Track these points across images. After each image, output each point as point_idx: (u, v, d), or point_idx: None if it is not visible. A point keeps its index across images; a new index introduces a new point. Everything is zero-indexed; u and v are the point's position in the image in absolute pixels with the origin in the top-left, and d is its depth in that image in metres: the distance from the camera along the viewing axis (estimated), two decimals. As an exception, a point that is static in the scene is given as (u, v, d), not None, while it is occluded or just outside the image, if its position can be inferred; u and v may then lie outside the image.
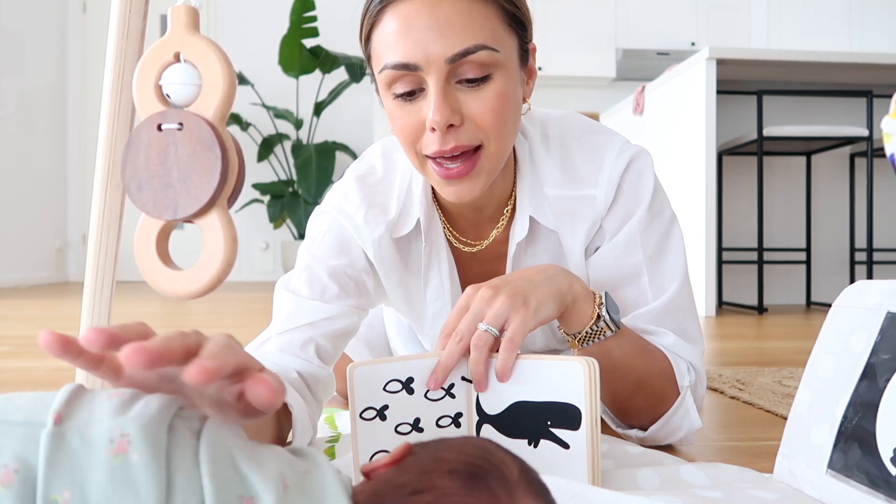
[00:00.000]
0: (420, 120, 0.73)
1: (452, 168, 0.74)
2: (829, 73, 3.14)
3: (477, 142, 0.74)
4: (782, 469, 0.66)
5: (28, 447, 0.34)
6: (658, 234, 0.84)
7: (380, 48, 0.73)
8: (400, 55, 0.71)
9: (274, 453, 0.40)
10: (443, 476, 0.39)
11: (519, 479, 0.41)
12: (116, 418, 0.36)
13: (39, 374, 1.45)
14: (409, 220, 0.86)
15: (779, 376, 1.39)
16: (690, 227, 2.93)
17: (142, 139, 0.45)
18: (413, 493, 0.39)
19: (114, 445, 0.34)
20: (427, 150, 0.74)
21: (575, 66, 5.45)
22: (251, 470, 0.37)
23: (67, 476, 0.33)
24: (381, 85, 0.75)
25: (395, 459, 0.42)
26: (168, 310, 2.99)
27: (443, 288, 0.89)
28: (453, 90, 0.72)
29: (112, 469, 0.34)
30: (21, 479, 0.33)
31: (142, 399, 0.38)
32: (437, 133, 0.72)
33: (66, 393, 0.37)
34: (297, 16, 4.81)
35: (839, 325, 0.65)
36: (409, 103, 0.73)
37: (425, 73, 0.71)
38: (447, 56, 0.70)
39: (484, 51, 0.71)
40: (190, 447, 0.36)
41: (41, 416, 0.35)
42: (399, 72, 0.71)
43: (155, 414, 0.36)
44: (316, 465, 0.41)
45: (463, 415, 0.67)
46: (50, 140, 5.24)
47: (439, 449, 0.42)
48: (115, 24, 0.61)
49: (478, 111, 0.72)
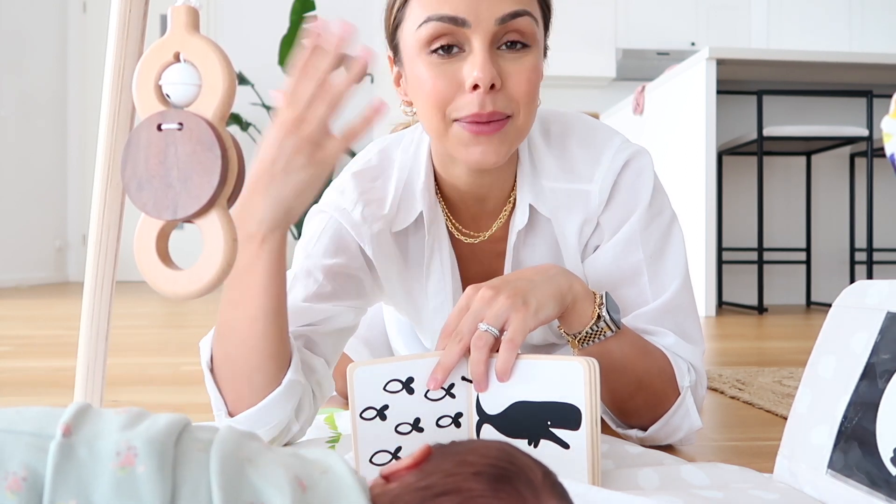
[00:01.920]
0: (457, 80, 0.72)
1: (483, 123, 0.73)
2: (829, 73, 3.14)
3: (510, 111, 0.74)
4: (782, 469, 0.66)
5: (36, 456, 0.35)
6: (658, 233, 0.84)
7: (421, 6, 0.73)
8: (450, 8, 0.71)
9: (290, 456, 0.40)
10: (469, 478, 0.40)
11: (543, 481, 0.41)
12: (124, 432, 0.37)
13: (39, 374, 1.45)
14: (408, 214, 0.85)
15: (779, 376, 1.39)
16: (690, 227, 2.93)
17: (141, 139, 0.45)
18: (439, 494, 0.39)
19: (120, 458, 0.35)
20: (461, 112, 0.73)
21: (575, 66, 5.44)
22: (262, 477, 0.37)
23: (74, 486, 0.34)
24: (416, 45, 0.74)
25: (417, 462, 0.42)
26: (168, 310, 2.99)
27: (444, 282, 0.89)
28: (496, 55, 0.73)
29: (118, 480, 0.35)
30: (29, 486, 0.34)
31: (149, 416, 0.39)
32: (477, 93, 0.71)
33: (74, 408, 0.38)
34: (297, 16, 4.81)
35: (839, 325, 0.65)
36: (447, 62, 0.73)
37: (472, 31, 0.71)
38: (498, 16, 0.71)
39: (529, 18, 0.73)
40: (197, 460, 0.37)
41: (50, 428, 0.36)
42: (445, 25, 0.71)
43: (162, 429, 0.37)
44: (332, 465, 0.41)
45: (463, 415, 0.67)
46: (50, 140, 5.23)
47: (462, 452, 0.43)
48: (115, 24, 0.61)
49: (515, 79, 0.73)
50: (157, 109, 0.46)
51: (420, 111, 0.77)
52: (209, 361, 0.74)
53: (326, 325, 0.81)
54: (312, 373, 0.77)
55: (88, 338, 0.66)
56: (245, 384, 0.71)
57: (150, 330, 2.35)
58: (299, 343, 0.78)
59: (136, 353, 1.75)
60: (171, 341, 2.03)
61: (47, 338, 2.09)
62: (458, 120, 0.74)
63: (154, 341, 2.04)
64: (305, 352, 0.78)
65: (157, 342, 2.02)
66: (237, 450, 0.39)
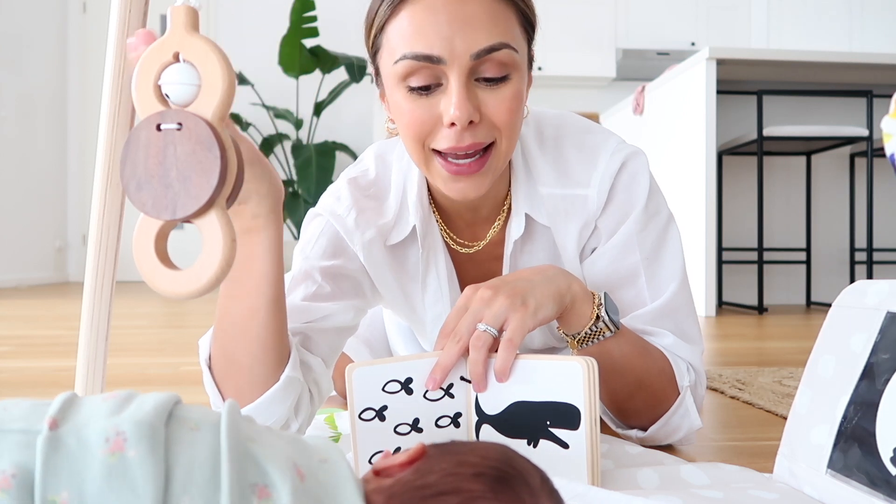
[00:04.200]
0: (434, 115, 0.72)
1: (463, 164, 0.73)
2: (829, 73, 3.14)
3: (491, 139, 0.74)
4: (782, 469, 0.66)
5: (25, 453, 0.34)
6: (655, 234, 0.84)
7: (397, 39, 0.72)
8: (423, 46, 0.70)
9: (290, 442, 0.40)
10: (469, 479, 0.40)
11: (541, 486, 0.41)
12: (111, 418, 0.36)
13: (39, 374, 1.45)
14: (404, 227, 0.85)
15: (779, 376, 1.39)
16: (690, 227, 2.93)
17: (141, 139, 0.44)
18: (438, 494, 0.39)
19: (109, 444, 0.35)
20: (439, 145, 0.73)
21: (575, 66, 5.45)
22: (266, 458, 0.37)
23: (65, 477, 0.34)
24: (393, 77, 0.73)
25: (411, 460, 0.42)
26: (168, 310, 2.99)
27: (441, 292, 0.89)
28: (473, 87, 0.72)
29: (108, 467, 0.34)
30: (18, 483, 0.33)
31: (137, 398, 0.38)
32: (454, 129, 0.71)
33: (60, 400, 0.38)
34: (297, 16, 4.81)
35: (839, 325, 0.65)
36: (424, 97, 0.72)
37: (447, 67, 0.70)
38: (473, 51, 0.70)
39: (507, 49, 0.71)
40: (190, 439, 0.37)
41: (37, 423, 0.36)
42: (419, 63, 0.70)
43: (150, 411, 0.37)
44: (331, 455, 0.41)
45: (462, 415, 0.67)
46: (50, 140, 5.23)
47: (461, 452, 0.43)
48: (115, 24, 0.61)
49: (495, 110, 0.72)
50: (157, 109, 0.45)
51: (402, 138, 0.78)
52: (208, 359, 0.74)
53: (325, 322, 0.81)
54: (309, 371, 0.77)
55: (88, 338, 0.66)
56: (243, 378, 0.71)
57: (150, 330, 2.35)
58: (296, 340, 0.78)
59: (136, 353, 1.75)
60: (171, 341, 2.03)
61: (47, 338, 2.09)
62: (437, 152, 0.74)
63: (154, 341, 2.04)
64: (302, 350, 0.78)
65: (157, 342, 2.02)
66: (242, 428, 0.38)
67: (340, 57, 4.91)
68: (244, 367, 0.71)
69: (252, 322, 0.69)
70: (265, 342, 0.69)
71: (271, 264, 0.68)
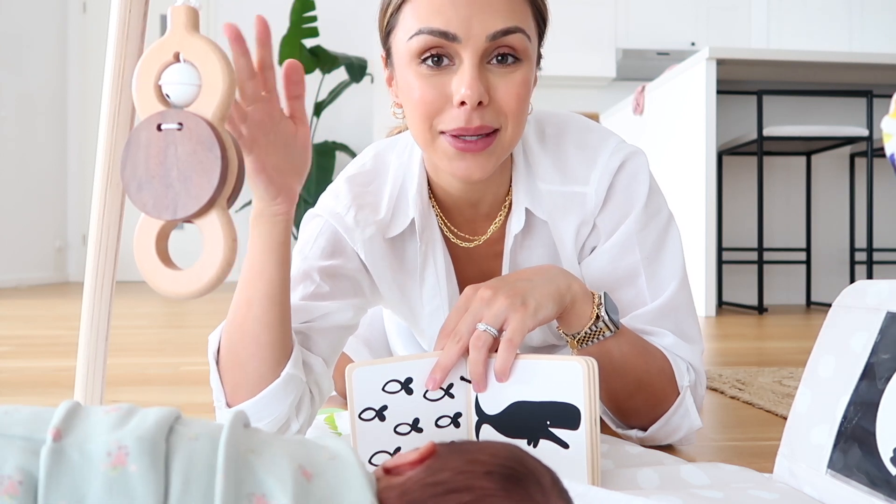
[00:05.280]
0: (444, 93, 0.72)
1: (470, 141, 0.73)
2: (829, 73, 3.14)
3: (497, 124, 0.74)
4: (782, 469, 0.66)
5: (30, 460, 0.35)
6: (655, 234, 0.84)
7: (413, 15, 0.73)
8: (441, 23, 0.71)
9: (297, 444, 0.40)
10: (481, 477, 0.40)
11: (552, 485, 0.41)
12: (114, 432, 0.37)
13: (39, 374, 1.45)
14: (401, 220, 0.85)
15: (779, 376, 1.39)
16: (690, 227, 2.93)
17: (141, 139, 0.45)
18: (451, 491, 0.39)
19: (112, 458, 0.35)
20: (447, 125, 0.73)
21: (575, 66, 5.44)
22: (266, 468, 0.37)
23: (67, 490, 0.34)
24: (406, 54, 0.74)
25: (422, 458, 0.42)
26: (168, 310, 2.99)
27: (439, 287, 0.89)
28: (485, 70, 0.72)
29: (110, 480, 0.35)
30: (25, 490, 0.34)
31: (138, 413, 0.39)
32: (463, 109, 0.71)
33: (63, 409, 0.38)
34: (297, 16, 4.81)
35: (839, 325, 0.65)
36: (436, 75, 0.73)
37: (461, 47, 0.71)
38: (489, 32, 0.71)
39: (521, 34, 0.72)
40: (189, 451, 0.37)
41: (41, 432, 0.36)
42: (435, 39, 0.71)
43: (152, 426, 0.37)
44: (341, 452, 0.41)
45: (462, 415, 0.67)
46: (50, 140, 5.23)
47: (471, 451, 0.43)
48: (115, 24, 0.61)
49: (504, 94, 0.73)
50: (157, 109, 0.46)
51: (408, 118, 0.78)
52: (216, 353, 0.74)
53: (324, 321, 0.81)
54: (310, 372, 0.77)
55: (88, 338, 0.66)
56: (242, 371, 0.71)
57: (150, 330, 2.35)
58: (296, 340, 0.78)
59: (136, 353, 1.75)
60: (171, 341, 2.03)
61: (47, 338, 2.09)
62: (444, 132, 0.74)
63: (154, 341, 2.04)
64: (303, 350, 0.78)
65: (157, 342, 2.02)
66: (242, 440, 0.39)
67: (340, 57, 4.91)
68: (243, 358, 0.71)
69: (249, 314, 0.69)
70: (261, 337, 0.70)
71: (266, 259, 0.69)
